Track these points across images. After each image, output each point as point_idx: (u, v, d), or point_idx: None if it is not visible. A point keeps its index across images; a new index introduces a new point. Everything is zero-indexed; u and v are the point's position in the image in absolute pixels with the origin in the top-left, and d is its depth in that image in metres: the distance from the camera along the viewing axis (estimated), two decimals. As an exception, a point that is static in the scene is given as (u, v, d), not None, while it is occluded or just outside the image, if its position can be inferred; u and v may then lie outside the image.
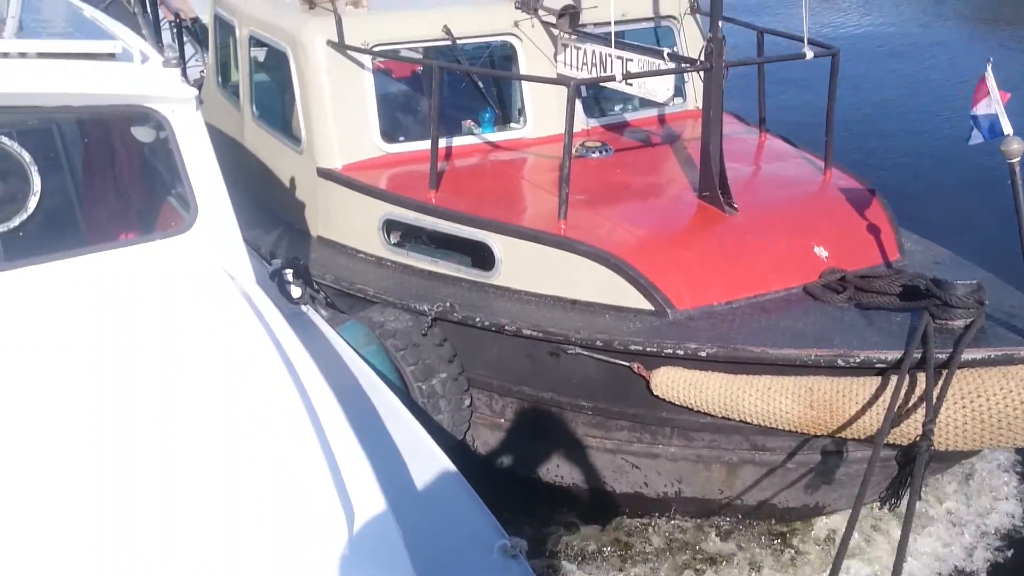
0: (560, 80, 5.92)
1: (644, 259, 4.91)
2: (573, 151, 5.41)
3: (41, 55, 3.85)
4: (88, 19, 4.73)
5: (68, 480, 2.74)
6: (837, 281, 4.91)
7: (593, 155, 6.06)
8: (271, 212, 6.64)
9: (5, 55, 3.79)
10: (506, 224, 5.28)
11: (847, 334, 4.48)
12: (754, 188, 5.81)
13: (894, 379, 4.14)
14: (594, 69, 5.97)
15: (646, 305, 4.83)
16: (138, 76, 3.89)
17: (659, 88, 5.52)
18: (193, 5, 10.49)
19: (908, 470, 4.04)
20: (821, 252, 5.15)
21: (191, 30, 9.65)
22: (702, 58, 5.32)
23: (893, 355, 4.24)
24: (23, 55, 3.82)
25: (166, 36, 10.44)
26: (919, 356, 4.14)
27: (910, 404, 4.21)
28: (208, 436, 3.00)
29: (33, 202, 3.70)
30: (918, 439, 4.00)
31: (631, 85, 5.59)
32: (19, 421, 2.97)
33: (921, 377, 4.14)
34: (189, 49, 9.69)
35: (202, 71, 8.36)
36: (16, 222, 3.67)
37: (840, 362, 4.32)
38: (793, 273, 5.02)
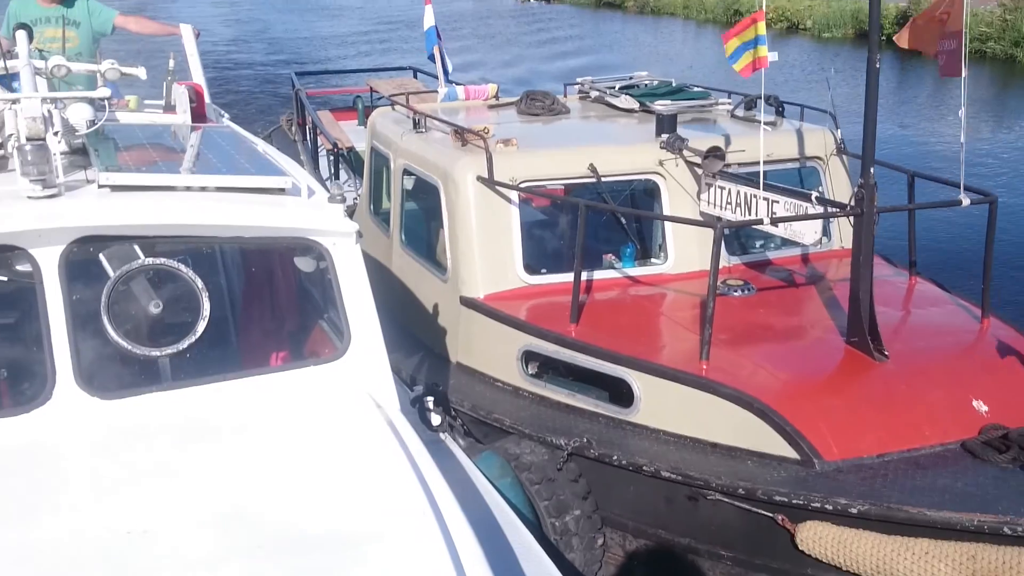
0: (706, 222, 5.93)
1: (790, 405, 4.77)
2: (715, 289, 5.37)
3: (220, 189, 4.14)
4: (260, 153, 5.05)
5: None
6: (999, 439, 4.63)
7: (735, 293, 6.00)
8: (413, 336, 6.82)
9: (188, 188, 4.09)
10: (646, 362, 5.25)
11: (1014, 499, 4.19)
12: (906, 335, 5.62)
13: (1069, 553, 3.83)
14: (738, 209, 5.97)
15: (792, 454, 4.67)
16: (306, 211, 4.11)
17: (807, 231, 5.47)
18: (350, 135, 11.16)
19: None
20: (980, 406, 4.89)
21: (346, 158, 10.22)
22: (852, 203, 5.26)
23: (1067, 526, 3.93)
24: (203, 188, 4.11)
25: (323, 163, 11.11)
26: None
27: (1088, 581, 3.87)
28: (349, 562, 3.03)
29: (202, 326, 3.90)
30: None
31: (777, 227, 5.56)
32: (171, 534, 3.08)
33: None
34: (343, 175, 10.24)
35: (356, 198, 8.79)
36: (185, 344, 3.86)
37: (1007, 530, 4.03)
38: (950, 427, 4.78)
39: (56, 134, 4.12)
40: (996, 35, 29.87)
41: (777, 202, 5.66)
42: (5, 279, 3.74)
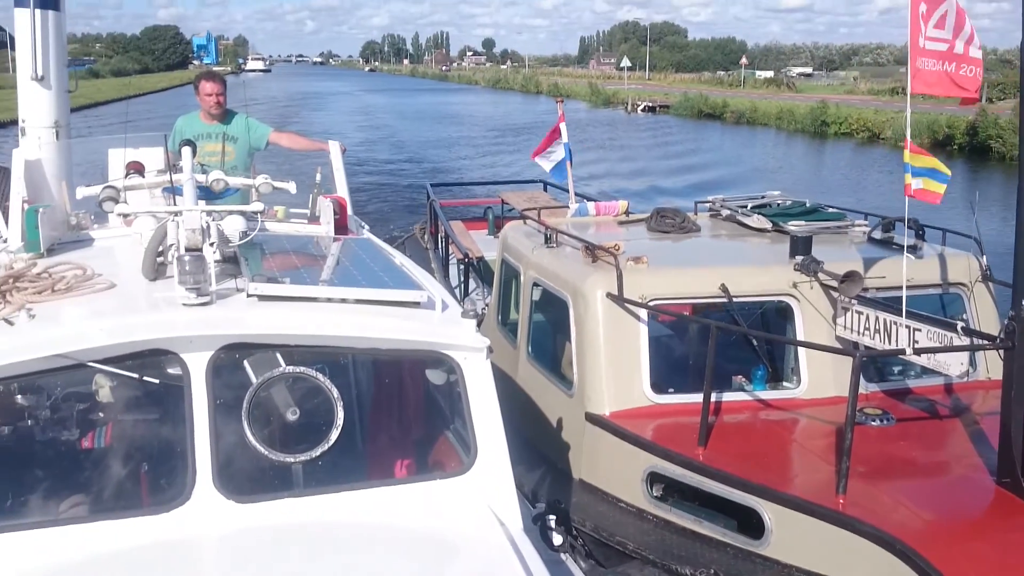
0: (845, 351, 5.75)
1: (935, 548, 4.47)
2: (851, 417, 5.15)
3: (359, 301, 4.27)
4: (397, 266, 5.20)
5: None
6: None
7: (873, 423, 5.74)
8: (535, 449, 6.76)
9: (329, 300, 4.25)
10: (778, 492, 5.05)
11: None
12: (1063, 477, 5.22)
13: None
14: (878, 336, 5.77)
15: (936, 601, 4.36)
16: (439, 326, 4.20)
17: (952, 363, 5.23)
18: (480, 245, 11.43)
19: None
20: None
21: (476, 268, 10.44)
22: (1002, 335, 5.01)
23: None
24: (343, 300, 4.26)
25: (453, 271, 11.39)
26: None
27: None
28: None
29: (335, 435, 3.98)
30: None
31: (921, 357, 5.34)
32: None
33: None
34: (472, 284, 10.44)
35: (484, 308, 8.92)
36: (318, 452, 3.94)
37: None
38: (1116, 582, 4.38)
39: (212, 244, 4.38)
40: None
41: (920, 330, 5.45)
42: (156, 381, 3.92)
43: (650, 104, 66.54)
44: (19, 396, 4.23)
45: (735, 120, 55.29)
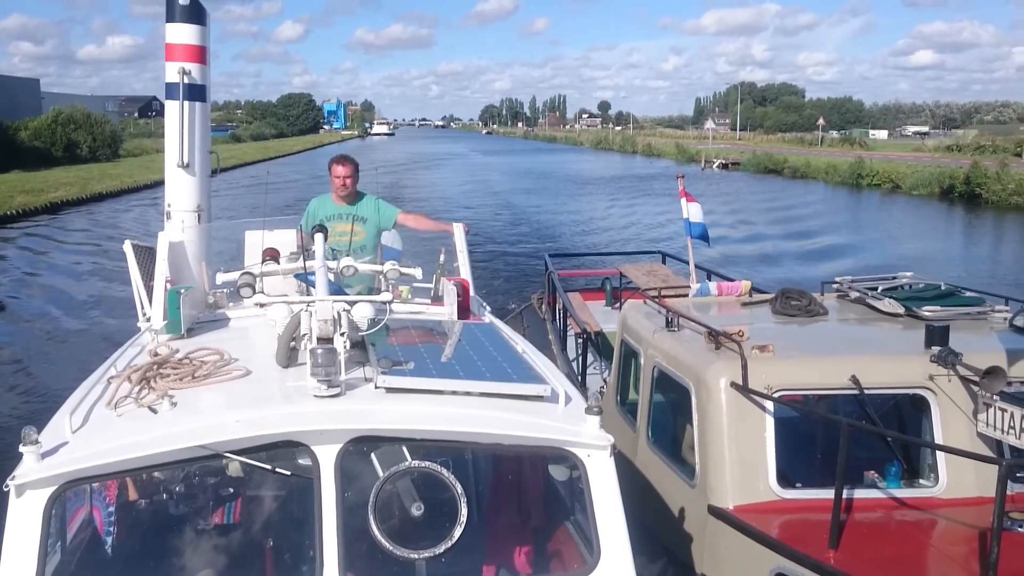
0: (988, 457, 5.42)
1: None
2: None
3: (483, 395, 4.29)
4: (519, 354, 5.19)
5: None
6: None
7: (1020, 529, 5.37)
8: (654, 538, 6.60)
9: (453, 392, 4.28)
10: (918, 604, 4.76)
11: None
12: None
13: None
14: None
15: None
16: (564, 423, 4.17)
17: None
18: (597, 316, 11.39)
19: None
20: None
21: (594, 342, 10.38)
22: None
23: None
24: (468, 393, 4.28)
25: (571, 342, 11.36)
26: None
27: None
28: None
29: (458, 532, 3.96)
30: None
31: (1074, 463, 4.99)
32: None
33: None
34: (590, 357, 10.37)
35: (602, 387, 8.83)
36: (441, 549, 3.93)
37: None
38: None
39: (343, 335, 4.47)
40: None
41: (1072, 432, 5.11)
42: (287, 472, 4.00)
43: (723, 162, 75.36)
44: (156, 474, 4.40)
45: (791, 174, 63.76)
